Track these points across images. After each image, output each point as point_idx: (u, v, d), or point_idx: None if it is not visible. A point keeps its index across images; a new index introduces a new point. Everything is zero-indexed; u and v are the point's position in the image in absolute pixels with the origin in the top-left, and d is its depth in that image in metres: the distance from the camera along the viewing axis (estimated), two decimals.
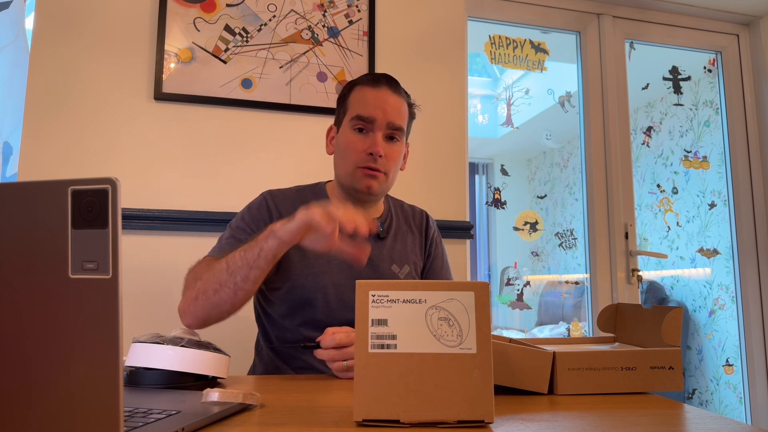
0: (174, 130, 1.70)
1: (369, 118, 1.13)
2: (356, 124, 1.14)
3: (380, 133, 1.13)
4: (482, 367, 0.59)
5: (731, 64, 2.55)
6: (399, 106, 1.16)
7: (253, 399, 0.67)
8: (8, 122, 1.76)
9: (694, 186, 2.77)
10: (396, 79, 1.20)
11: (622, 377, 0.78)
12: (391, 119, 1.14)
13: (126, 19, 1.69)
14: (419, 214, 1.32)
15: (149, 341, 0.80)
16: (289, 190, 1.24)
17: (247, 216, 1.17)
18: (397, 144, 1.16)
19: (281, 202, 1.18)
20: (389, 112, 1.14)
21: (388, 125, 1.14)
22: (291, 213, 1.15)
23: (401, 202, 1.33)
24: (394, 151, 1.15)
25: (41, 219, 0.43)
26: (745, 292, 2.44)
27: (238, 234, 1.13)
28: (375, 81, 1.17)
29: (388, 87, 1.17)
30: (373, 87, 1.16)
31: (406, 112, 1.18)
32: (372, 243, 1.19)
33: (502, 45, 2.30)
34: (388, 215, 1.26)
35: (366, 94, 1.16)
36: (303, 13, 1.84)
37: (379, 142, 1.12)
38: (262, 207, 1.17)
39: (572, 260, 2.42)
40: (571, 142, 2.57)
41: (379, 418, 0.59)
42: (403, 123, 1.16)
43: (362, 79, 1.20)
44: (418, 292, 0.62)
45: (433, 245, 1.29)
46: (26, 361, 0.43)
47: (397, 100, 1.16)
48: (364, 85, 1.18)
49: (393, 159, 1.16)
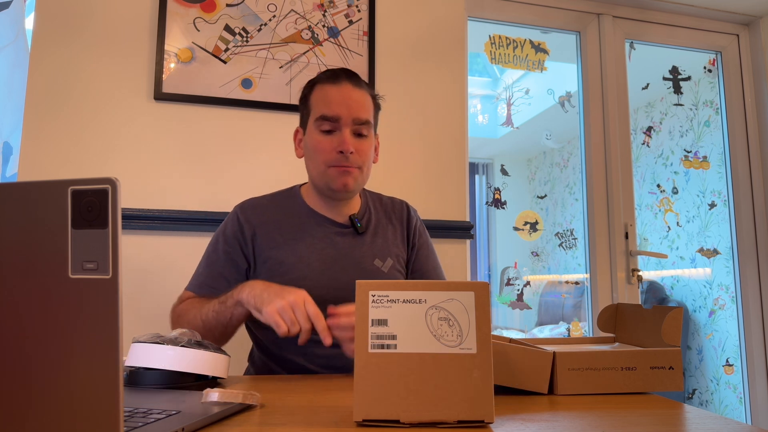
0: (174, 130, 1.70)
1: (334, 116, 1.12)
2: (322, 124, 1.13)
3: (347, 129, 1.12)
4: (482, 367, 0.59)
5: (731, 64, 2.55)
6: (362, 100, 1.14)
7: (253, 399, 0.67)
8: (8, 122, 1.76)
9: (694, 186, 2.77)
10: (356, 73, 1.18)
11: (622, 377, 0.78)
12: (356, 115, 1.12)
13: (126, 19, 1.69)
14: (399, 205, 1.30)
15: (149, 341, 0.80)
16: (262, 198, 1.24)
17: (221, 240, 1.17)
18: (365, 139, 1.15)
19: (253, 213, 1.18)
20: (353, 108, 1.12)
21: (354, 121, 1.12)
22: (264, 222, 1.16)
23: (380, 195, 1.32)
24: (364, 146, 1.14)
25: (41, 219, 0.43)
26: (745, 292, 2.44)
27: (213, 266, 1.15)
28: (335, 77, 1.15)
29: (349, 82, 1.14)
30: (333, 84, 1.14)
31: (370, 105, 1.16)
32: (352, 239, 1.19)
33: (502, 45, 2.30)
34: (366, 210, 1.25)
35: (328, 92, 1.14)
36: (303, 13, 1.84)
37: (348, 139, 1.11)
38: (234, 225, 1.17)
39: (572, 260, 2.42)
40: (571, 142, 2.57)
41: (379, 418, 0.59)
42: (368, 116, 1.15)
43: (321, 76, 1.18)
44: (418, 292, 0.62)
45: (416, 235, 1.28)
46: (26, 361, 0.43)
47: (360, 94, 1.14)
48: (324, 83, 1.16)
49: (364, 153, 1.15)
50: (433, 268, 1.29)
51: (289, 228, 1.17)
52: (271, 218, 1.18)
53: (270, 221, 1.18)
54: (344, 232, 1.19)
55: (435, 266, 1.30)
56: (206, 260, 1.17)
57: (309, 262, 1.13)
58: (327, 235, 1.18)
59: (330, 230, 1.18)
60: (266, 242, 1.15)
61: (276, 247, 1.14)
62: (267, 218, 1.18)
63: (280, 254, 1.14)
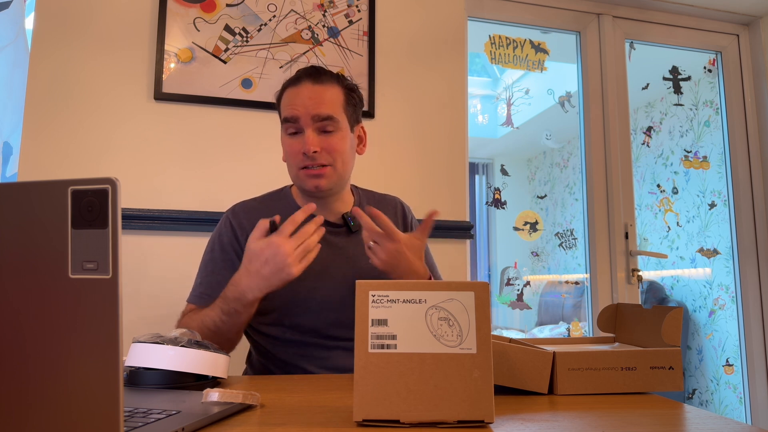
0: (174, 130, 1.70)
1: (293, 117, 1.10)
2: (287, 128, 1.13)
3: (309, 129, 1.10)
4: (482, 367, 0.59)
5: (731, 64, 2.55)
6: (323, 96, 1.11)
7: (253, 399, 0.67)
8: (8, 122, 1.76)
9: (694, 186, 2.77)
10: (321, 68, 1.15)
11: (622, 377, 0.78)
12: (314, 112, 1.09)
13: (126, 19, 1.69)
14: (392, 201, 1.30)
15: (149, 341, 0.80)
16: (253, 200, 1.23)
17: (217, 248, 1.16)
18: (333, 134, 1.11)
19: (245, 217, 1.17)
20: (310, 106, 1.10)
21: (314, 119, 1.09)
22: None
23: (372, 192, 1.31)
24: (332, 142, 1.11)
25: (41, 219, 0.43)
26: (745, 292, 2.44)
27: (211, 276, 1.14)
28: (296, 79, 1.14)
29: (309, 79, 1.12)
30: (294, 86, 1.13)
31: (336, 99, 1.13)
32: (345, 238, 1.18)
33: (502, 45, 2.30)
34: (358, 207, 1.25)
35: (289, 94, 1.13)
36: (303, 13, 1.84)
37: (310, 139, 1.09)
38: (228, 232, 1.16)
39: (572, 260, 2.42)
40: (571, 142, 2.57)
41: (379, 418, 0.59)
42: (330, 110, 1.11)
43: (287, 81, 1.17)
44: (418, 292, 0.62)
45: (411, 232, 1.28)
46: (26, 361, 0.43)
47: (321, 90, 1.11)
48: (289, 86, 1.15)
49: (334, 149, 1.11)
50: (430, 266, 1.29)
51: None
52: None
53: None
54: (337, 231, 1.18)
55: (431, 265, 1.29)
56: (204, 270, 1.16)
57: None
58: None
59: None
60: None
61: None
62: (258, 221, 1.18)
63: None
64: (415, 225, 1.30)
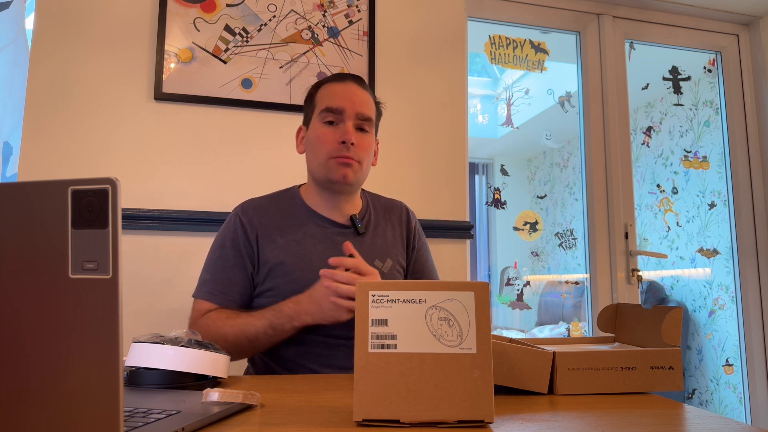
0: (174, 130, 1.70)
1: (338, 108, 1.15)
2: (326, 116, 1.16)
3: (350, 122, 1.15)
4: (482, 367, 0.59)
5: (731, 64, 2.55)
6: (366, 99, 1.19)
7: (253, 399, 0.67)
8: (8, 122, 1.76)
9: (694, 186, 2.77)
10: (363, 78, 1.25)
11: (622, 377, 0.78)
12: (359, 110, 1.16)
13: (126, 19, 1.69)
14: (398, 206, 1.32)
15: (149, 341, 0.80)
16: (262, 199, 1.24)
17: (228, 245, 1.16)
18: (367, 135, 1.18)
19: (254, 214, 1.19)
20: (357, 103, 1.16)
21: (357, 115, 1.16)
22: (265, 223, 1.17)
23: (378, 196, 1.33)
24: (365, 141, 1.17)
25: (41, 219, 0.43)
26: (745, 292, 2.44)
27: (222, 272, 1.14)
28: (341, 77, 1.21)
29: (355, 82, 1.20)
30: (339, 82, 1.20)
31: (373, 106, 1.21)
32: (352, 240, 1.19)
33: (502, 45, 2.30)
34: (366, 210, 1.26)
35: (334, 88, 1.19)
36: (303, 13, 1.84)
37: (350, 130, 1.14)
38: (239, 228, 1.17)
39: (572, 260, 2.42)
40: (571, 142, 2.57)
41: (379, 418, 0.59)
42: (371, 114, 1.19)
43: (329, 77, 1.24)
44: (418, 292, 0.62)
45: (415, 238, 1.30)
46: (26, 361, 0.43)
47: (365, 94, 1.19)
48: (331, 82, 1.21)
49: (365, 148, 1.17)
50: (430, 270, 1.31)
51: (290, 229, 1.17)
52: (272, 219, 1.18)
53: (270, 222, 1.18)
54: (345, 233, 1.19)
55: (432, 268, 1.32)
56: (213, 266, 1.16)
57: (309, 262, 1.13)
58: (327, 235, 1.18)
59: (330, 230, 1.19)
60: (267, 243, 1.15)
61: (277, 248, 1.14)
62: (267, 219, 1.18)
63: (281, 255, 1.14)
64: (418, 231, 1.32)
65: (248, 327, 1.05)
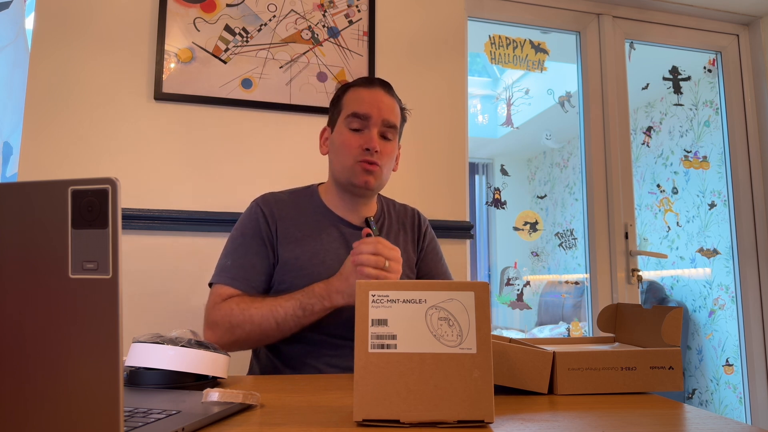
0: (174, 130, 1.70)
1: (365, 114, 1.16)
2: (352, 122, 1.17)
3: (375, 129, 1.16)
4: (482, 367, 0.59)
5: (731, 64, 2.55)
6: (393, 106, 1.20)
7: (253, 399, 0.67)
8: (8, 122, 1.76)
9: (694, 186, 2.77)
10: (390, 84, 1.24)
11: (622, 377, 0.78)
12: (386, 117, 1.17)
13: (126, 19, 1.69)
14: (411, 212, 1.34)
15: (149, 341, 0.80)
16: (282, 193, 1.25)
17: (250, 232, 1.16)
18: (390, 142, 1.19)
19: (275, 206, 1.19)
20: (384, 110, 1.17)
21: (383, 122, 1.17)
22: (283, 217, 1.17)
23: (393, 201, 1.35)
24: (388, 149, 1.18)
25: (41, 219, 0.43)
26: (745, 292, 2.44)
27: (244, 257, 1.14)
28: (369, 82, 1.21)
29: (382, 88, 1.21)
30: (367, 87, 1.20)
31: (398, 113, 1.22)
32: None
33: (502, 45, 2.30)
34: (381, 214, 1.27)
35: (361, 93, 1.19)
36: (303, 13, 1.84)
37: (375, 137, 1.15)
38: (260, 217, 1.17)
39: (572, 260, 2.42)
40: (571, 142, 2.57)
41: (379, 418, 0.59)
42: (396, 121, 1.20)
43: (357, 81, 1.24)
44: (418, 292, 0.62)
45: (425, 240, 1.30)
46: (26, 361, 0.43)
47: (391, 100, 1.20)
48: (358, 86, 1.21)
49: (388, 155, 1.18)
50: (443, 274, 1.31)
51: (306, 225, 1.18)
52: (290, 214, 1.19)
53: (288, 216, 1.19)
54: (359, 234, 1.20)
55: (444, 272, 1.32)
56: (234, 252, 1.15)
57: (323, 259, 1.14)
58: (342, 235, 1.19)
59: (345, 231, 1.20)
60: (284, 237, 1.16)
61: (293, 243, 1.15)
62: (286, 213, 1.19)
63: (296, 250, 1.15)
64: (429, 235, 1.33)
65: (277, 308, 1.04)
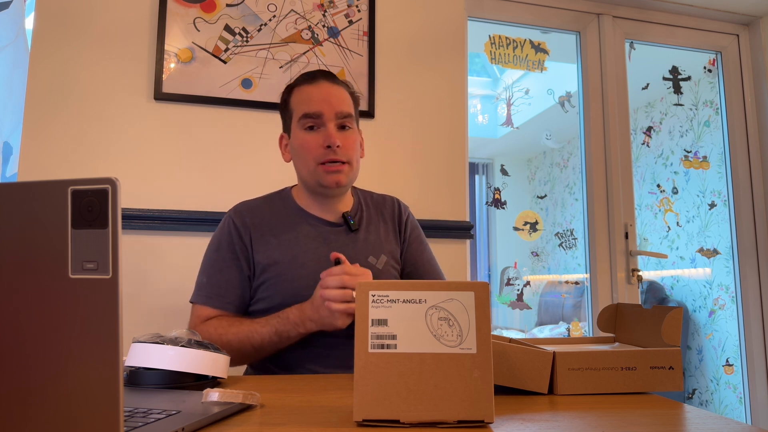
0: (174, 130, 1.70)
1: (316, 113, 1.14)
2: (306, 123, 1.15)
3: (331, 124, 1.14)
4: (482, 367, 0.59)
5: (731, 64, 2.55)
6: (342, 95, 1.17)
7: (253, 399, 0.67)
8: (8, 122, 1.76)
9: (694, 186, 2.77)
10: (332, 72, 1.22)
11: (622, 377, 0.78)
12: (338, 109, 1.15)
13: (126, 19, 1.69)
14: (390, 201, 1.31)
15: (149, 341, 0.80)
16: (255, 200, 1.24)
17: (224, 247, 1.16)
18: (350, 131, 1.17)
19: (248, 215, 1.18)
20: (334, 103, 1.15)
21: (337, 115, 1.14)
22: (258, 224, 1.17)
23: (370, 193, 1.33)
24: (350, 139, 1.16)
25: (41, 219, 0.43)
26: (745, 292, 2.44)
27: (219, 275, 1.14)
28: (311, 77, 1.18)
29: (326, 80, 1.18)
30: (311, 83, 1.17)
31: (350, 100, 1.19)
32: (345, 237, 1.19)
33: (502, 45, 2.30)
34: (358, 208, 1.25)
35: (307, 91, 1.17)
36: (303, 13, 1.84)
37: (333, 133, 1.13)
38: (233, 231, 1.17)
39: (572, 260, 2.42)
40: (571, 142, 2.57)
41: (379, 418, 0.59)
42: (350, 110, 1.18)
43: (299, 79, 1.21)
44: (418, 292, 0.62)
45: (407, 230, 1.28)
46: (26, 361, 0.43)
47: (339, 90, 1.18)
48: (301, 84, 1.19)
49: (351, 147, 1.16)
50: (428, 261, 1.29)
51: (282, 229, 1.17)
52: (265, 220, 1.19)
53: (263, 223, 1.18)
54: (337, 231, 1.19)
55: (429, 259, 1.29)
56: (210, 269, 1.16)
57: (303, 261, 1.13)
58: (320, 234, 1.18)
59: (322, 229, 1.19)
60: (261, 244, 1.15)
61: (270, 248, 1.15)
62: (261, 220, 1.18)
63: (275, 255, 1.14)
64: (411, 223, 1.31)
65: (253, 334, 1.05)
